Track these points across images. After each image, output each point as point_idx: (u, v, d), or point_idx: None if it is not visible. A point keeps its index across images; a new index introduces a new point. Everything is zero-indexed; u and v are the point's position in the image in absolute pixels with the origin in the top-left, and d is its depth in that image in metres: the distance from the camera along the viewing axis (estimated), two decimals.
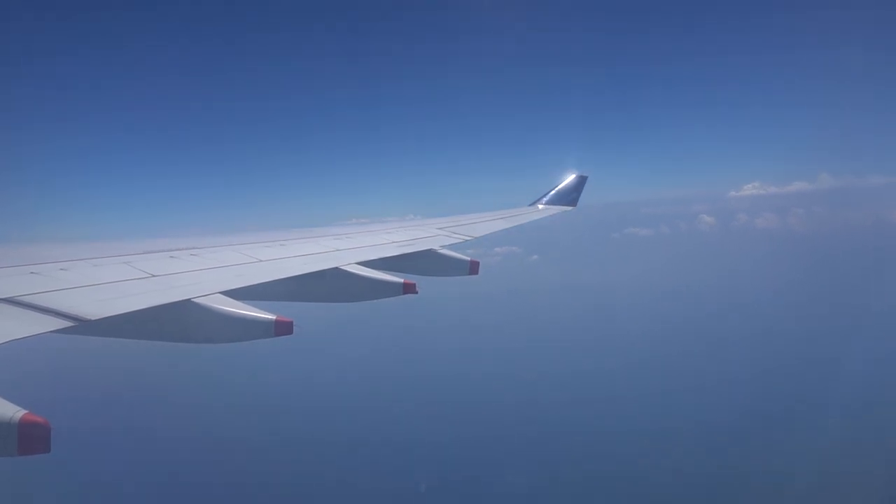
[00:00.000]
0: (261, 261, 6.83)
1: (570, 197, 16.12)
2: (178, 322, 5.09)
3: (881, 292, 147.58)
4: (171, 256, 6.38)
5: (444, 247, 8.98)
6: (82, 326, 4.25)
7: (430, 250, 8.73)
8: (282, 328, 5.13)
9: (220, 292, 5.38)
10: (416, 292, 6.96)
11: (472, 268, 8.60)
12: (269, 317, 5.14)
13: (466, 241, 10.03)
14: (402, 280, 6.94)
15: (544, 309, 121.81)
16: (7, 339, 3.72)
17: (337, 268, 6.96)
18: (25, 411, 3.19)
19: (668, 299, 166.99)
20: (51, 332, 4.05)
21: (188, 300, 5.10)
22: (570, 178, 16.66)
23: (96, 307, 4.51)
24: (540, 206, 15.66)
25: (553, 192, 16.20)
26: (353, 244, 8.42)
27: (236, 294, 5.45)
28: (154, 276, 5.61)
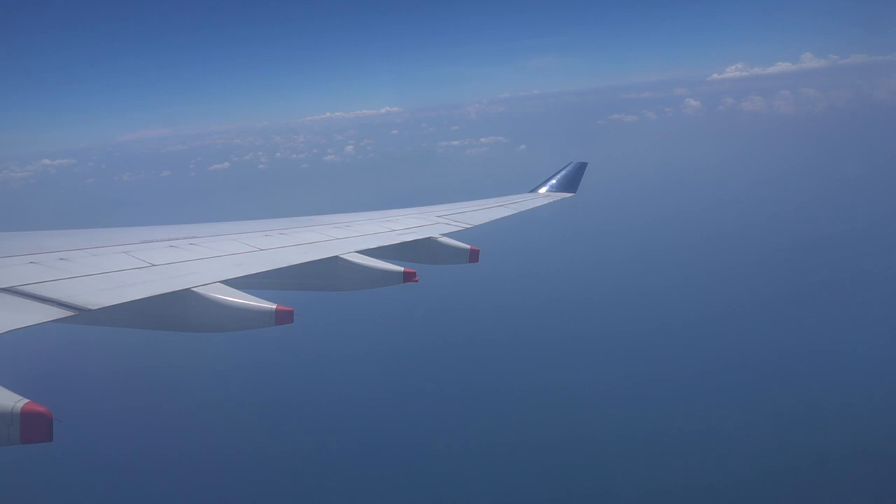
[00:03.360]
0: (261, 250, 6.83)
1: (570, 184, 16.21)
2: (178, 311, 5.10)
3: (873, 174, 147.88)
4: (171, 246, 6.37)
5: (443, 235, 8.98)
6: (83, 316, 4.26)
7: (429, 238, 8.73)
8: (283, 317, 5.14)
9: (221, 282, 5.38)
10: (417, 280, 6.96)
11: (472, 256, 8.59)
12: (270, 306, 5.14)
13: (466, 228, 10.03)
14: (402, 269, 6.94)
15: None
16: (8, 329, 3.72)
17: (337, 257, 6.96)
18: (27, 401, 3.21)
19: (663, 192, 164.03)
20: (52, 321, 4.06)
21: (189, 290, 5.10)
22: (569, 165, 16.77)
23: (96, 296, 4.51)
24: (540, 193, 15.73)
25: (553, 178, 16.30)
26: (352, 233, 8.42)
27: (237, 283, 5.45)
28: (154, 265, 5.60)
